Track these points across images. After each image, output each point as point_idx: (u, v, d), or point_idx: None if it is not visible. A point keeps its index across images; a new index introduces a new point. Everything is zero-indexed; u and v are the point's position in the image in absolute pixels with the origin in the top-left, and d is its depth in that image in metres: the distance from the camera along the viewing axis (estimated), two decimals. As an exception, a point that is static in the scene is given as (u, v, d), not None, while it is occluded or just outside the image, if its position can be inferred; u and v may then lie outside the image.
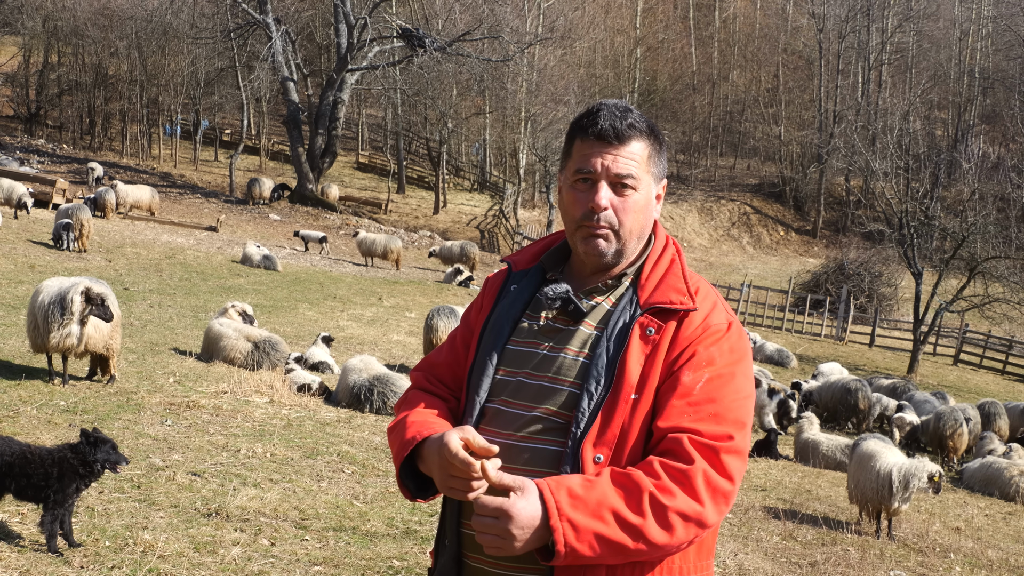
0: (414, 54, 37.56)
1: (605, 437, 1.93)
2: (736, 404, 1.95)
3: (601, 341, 1.99)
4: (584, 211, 2.05)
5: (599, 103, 2.08)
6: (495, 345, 2.10)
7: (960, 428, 14.14)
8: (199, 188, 39.74)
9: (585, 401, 1.94)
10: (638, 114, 2.07)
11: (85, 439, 4.91)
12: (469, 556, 2.06)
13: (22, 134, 44.53)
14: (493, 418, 2.06)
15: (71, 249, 19.93)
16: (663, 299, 2.01)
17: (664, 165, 2.13)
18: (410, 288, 24.10)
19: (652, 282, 2.06)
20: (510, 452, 1.99)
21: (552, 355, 2.04)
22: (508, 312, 2.14)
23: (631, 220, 2.05)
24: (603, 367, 1.96)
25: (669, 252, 2.12)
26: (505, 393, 2.06)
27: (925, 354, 28.11)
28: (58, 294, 8.63)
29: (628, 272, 2.10)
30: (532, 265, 2.21)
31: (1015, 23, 58.65)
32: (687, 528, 1.85)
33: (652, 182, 2.09)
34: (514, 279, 2.20)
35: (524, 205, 46.46)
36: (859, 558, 7.47)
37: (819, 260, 44.30)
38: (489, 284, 2.26)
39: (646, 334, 1.98)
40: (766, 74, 61.96)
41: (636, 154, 2.04)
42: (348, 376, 10.25)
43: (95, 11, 43.29)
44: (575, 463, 1.92)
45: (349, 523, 6.00)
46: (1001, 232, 33.03)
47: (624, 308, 2.03)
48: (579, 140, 2.07)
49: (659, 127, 2.13)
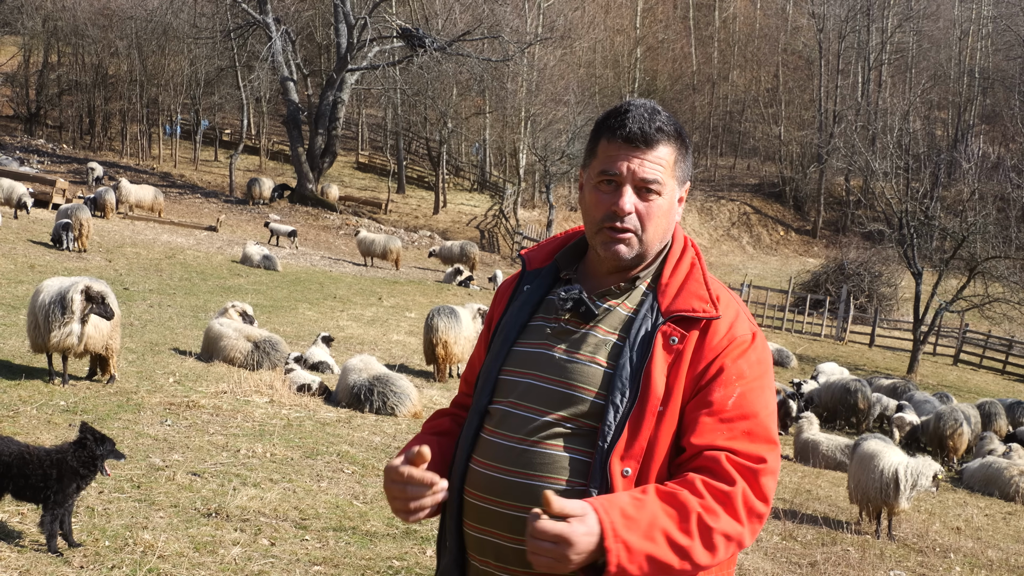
0: (414, 54, 37.57)
1: (632, 450, 1.91)
2: (767, 419, 1.95)
3: (624, 351, 1.97)
4: (607, 213, 2.02)
5: (628, 103, 2.04)
6: (504, 346, 2.09)
7: (960, 428, 14.15)
8: (199, 188, 39.75)
9: (611, 413, 1.92)
10: (666, 116, 2.03)
11: (91, 434, 4.92)
12: (473, 557, 2.04)
13: (22, 134, 44.53)
14: (501, 420, 2.03)
15: (71, 249, 19.92)
16: (685, 307, 1.99)
17: (689, 168, 2.10)
18: (410, 288, 24.10)
19: (673, 288, 2.03)
20: (521, 456, 1.96)
21: (566, 358, 2.01)
22: (519, 313, 2.12)
23: (654, 225, 2.03)
24: (627, 378, 1.93)
25: (688, 256, 2.09)
26: (514, 395, 2.03)
27: (925, 354, 28.12)
28: (58, 293, 8.63)
29: (642, 275, 2.07)
30: (546, 264, 2.18)
31: (1015, 23, 58.66)
32: (728, 549, 1.87)
33: (676, 186, 2.06)
34: (527, 279, 2.18)
35: (524, 205, 46.47)
36: (859, 558, 7.47)
37: (819, 260, 44.32)
38: (504, 285, 2.26)
39: (669, 343, 1.96)
40: (766, 74, 62.00)
41: (663, 159, 2.01)
42: (348, 376, 10.25)
43: (95, 11, 43.31)
44: (603, 477, 1.90)
45: (349, 523, 6.00)
46: (1001, 232, 33.01)
47: (645, 316, 2.00)
48: (605, 140, 2.03)
49: (685, 129, 2.09)
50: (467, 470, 2.05)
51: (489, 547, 2.00)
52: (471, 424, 2.08)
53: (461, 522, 2.05)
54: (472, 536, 2.04)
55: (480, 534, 2.02)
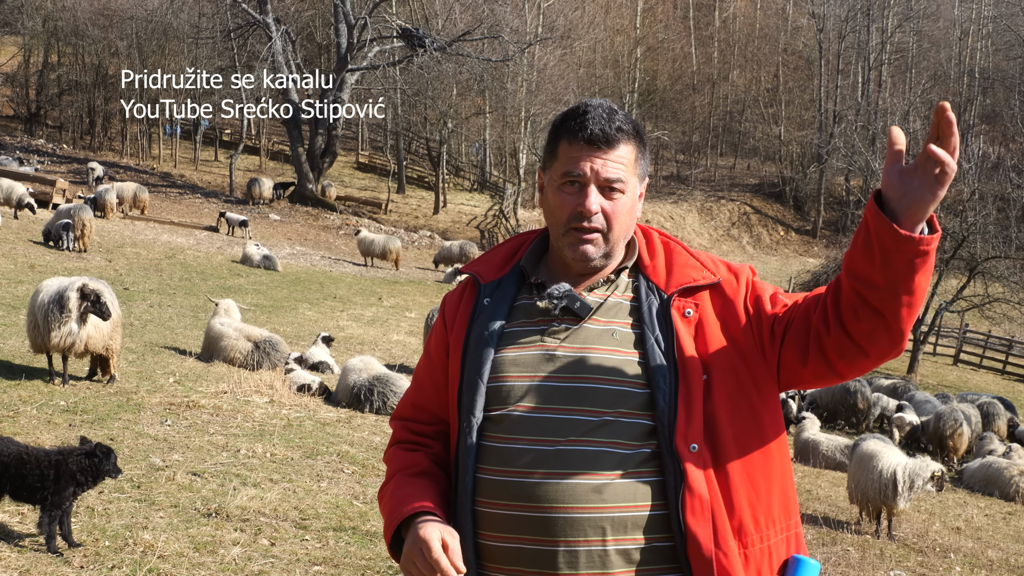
0: (414, 54, 37.57)
1: (693, 426, 1.91)
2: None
3: (645, 336, 1.98)
4: (572, 213, 2.02)
5: (584, 104, 2.05)
6: (484, 356, 2.04)
7: (960, 428, 14.15)
8: (199, 188, 39.74)
9: (660, 399, 1.92)
10: (623, 115, 2.05)
11: (99, 450, 4.94)
12: (496, 568, 1.99)
13: (22, 134, 44.52)
14: (516, 426, 1.98)
15: (71, 249, 19.92)
16: (685, 279, 2.03)
17: (647, 164, 2.12)
18: (410, 288, 24.10)
19: (660, 267, 2.07)
20: (559, 458, 1.92)
21: (576, 354, 1.99)
22: (490, 324, 2.07)
23: (619, 223, 2.04)
24: (662, 359, 1.95)
25: (654, 237, 2.14)
26: (524, 400, 1.98)
27: (925, 354, 28.11)
28: (57, 293, 8.63)
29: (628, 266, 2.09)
30: (503, 273, 2.15)
31: (1015, 23, 58.66)
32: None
33: (637, 183, 2.08)
34: (485, 291, 2.13)
35: (524, 205, 46.46)
36: (859, 558, 7.47)
37: (819, 260, 44.32)
38: (449, 303, 2.19)
39: (685, 316, 1.99)
40: (766, 74, 61.98)
41: (624, 158, 2.03)
42: (348, 376, 10.25)
43: (95, 11, 43.29)
44: (674, 459, 1.90)
45: (349, 523, 6.00)
46: (1001, 232, 32.99)
47: (649, 299, 2.03)
48: (566, 142, 2.03)
49: (642, 126, 2.13)
50: (476, 481, 1.99)
51: (518, 554, 1.95)
52: (467, 436, 2.01)
53: (476, 535, 2.00)
54: (493, 547, 1.98)
55: (504, 543, 1.96)
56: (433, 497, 2.04)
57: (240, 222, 30.39)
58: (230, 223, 30.41)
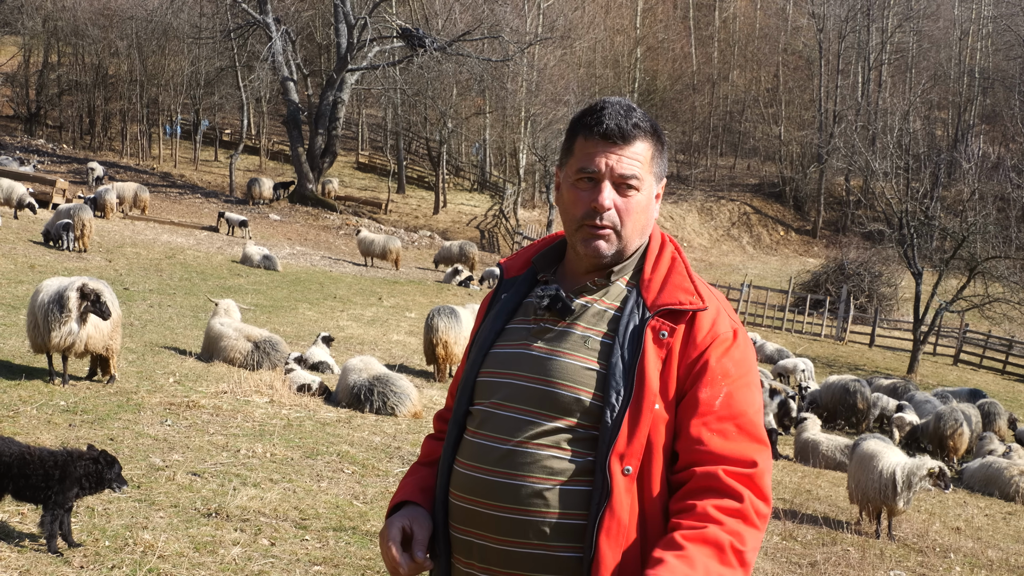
0: (414, 54, 37.57)
1: (632, 448, 1.89)
2: (755, 417, 1.95)
3: (614, 349, 1.95)
4: (586, 210, 2.01)
5: (603, 101, 2.05)
6: (481, 350, 2.08)
7: (960, 428, 14.14)
8: (199, 188, 39.75)
9: (608, 413, 1.90)
10: (641, 113, 2.04)
11: (103, 457, 4.96)
12: (458, 560, 2.04)
13: (22, 134, 44.53)
14: (483, 422, 2.01)
15: (71, 249, 19.92)
16: (672, 300, 1.98)
17: (665, 164, 2.10)
18: (410, 288, 24.10)
19: (656, 282, 2.02)
20: (506, 457, 1.95)
21: (547, 356, 1.99)
22: (496, 319, 2.11)
23: (633, 220, 2.02)
24: (621, 376, 1.92)
25: (668, 250, 2.09)
26: (496, 396, 2.01)
27: (925, 354, 28.11)
28: (57, 293, 8.64)
29: (616, 270, 2.06)
30: (524, 271, 2.18)
31: (1015, 23, 58.64)
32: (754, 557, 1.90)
33: (654, 182, 2.06)
34: (504, 287, 2.17)
35: (524, 205, 46.47)
36: (859, 558, 7.47)
37: (819, 260, 44.30)
38: (486, 298, 2.25)
39: (659, 338, 1.95)
40: (766, 74, 61.98)
41: (640, 154, 2.01)
42: (348, 376, 10.25)
43: (95, 11, 43.31)
44: (604, 476, 1.88)
45: (349, 523, 6.00)
46: (1001, 232, 33.03)
47: (632, 312, 1.99)
48: (582, 138, 2.03)
49: (661, 126, 2.11)
50: (451, 472, 2.04)
51: (474, 548, 1.98)
52: (453, 427, 2.07)
53: (448, 526, 2.04)
54: (457, 538, 2.02)
55: (465, 536, 2.00)
56: (428, 487, 2.11)
57: (240, 222, 30.44)
58: (230, 223, 30.44)
